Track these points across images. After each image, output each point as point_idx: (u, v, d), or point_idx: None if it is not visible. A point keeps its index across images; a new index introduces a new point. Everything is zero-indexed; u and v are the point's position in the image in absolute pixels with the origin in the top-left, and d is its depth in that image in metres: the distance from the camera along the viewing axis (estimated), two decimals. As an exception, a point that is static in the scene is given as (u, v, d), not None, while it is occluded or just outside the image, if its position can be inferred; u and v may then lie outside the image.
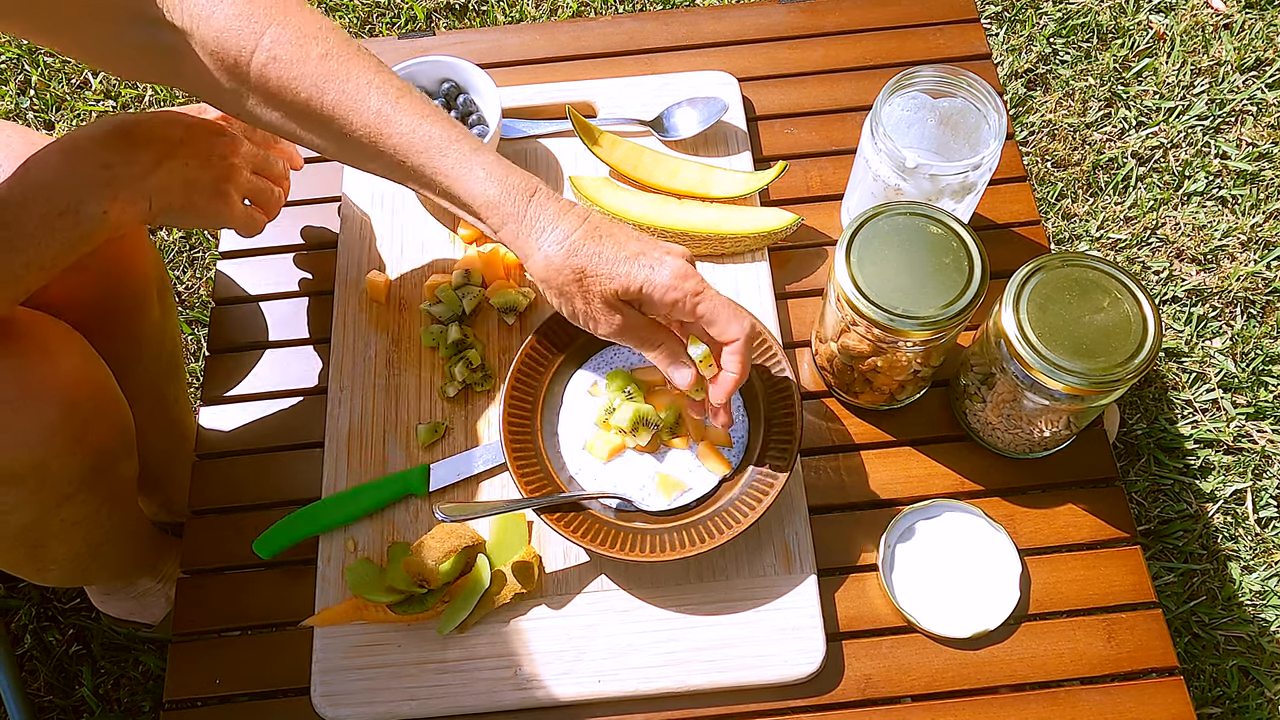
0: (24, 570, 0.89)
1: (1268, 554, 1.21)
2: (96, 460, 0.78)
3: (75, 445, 0.74)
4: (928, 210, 0.73)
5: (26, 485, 0.73)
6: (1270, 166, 1.47)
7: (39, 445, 0.72)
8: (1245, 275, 1.38)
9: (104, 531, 0.87)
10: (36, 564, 0.86)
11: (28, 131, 0.83)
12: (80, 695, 1.13)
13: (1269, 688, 1.13)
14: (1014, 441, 0.80)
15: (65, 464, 0.74)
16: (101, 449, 0.78)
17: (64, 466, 0.75)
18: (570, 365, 0.82)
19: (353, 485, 0.80)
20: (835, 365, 0.80)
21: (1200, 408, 1.30)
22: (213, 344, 0.90)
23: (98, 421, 0.77)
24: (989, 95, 0.78)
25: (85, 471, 0.77)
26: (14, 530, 0.78)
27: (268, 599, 0.79)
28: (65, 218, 0.67)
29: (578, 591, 0.77)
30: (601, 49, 1.03)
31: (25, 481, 0.73)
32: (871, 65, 1.01)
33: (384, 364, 0.86)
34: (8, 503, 0.74)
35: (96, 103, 1.57)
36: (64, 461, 0.74)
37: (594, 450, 0.78)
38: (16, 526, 0.78)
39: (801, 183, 0.95)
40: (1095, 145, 1.50)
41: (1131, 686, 0.74)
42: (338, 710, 0.73)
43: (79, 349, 0.78)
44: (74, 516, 0.81)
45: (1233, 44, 1.57)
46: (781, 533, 0.78)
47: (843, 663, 0.75)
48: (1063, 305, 0.70)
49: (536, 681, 0.73)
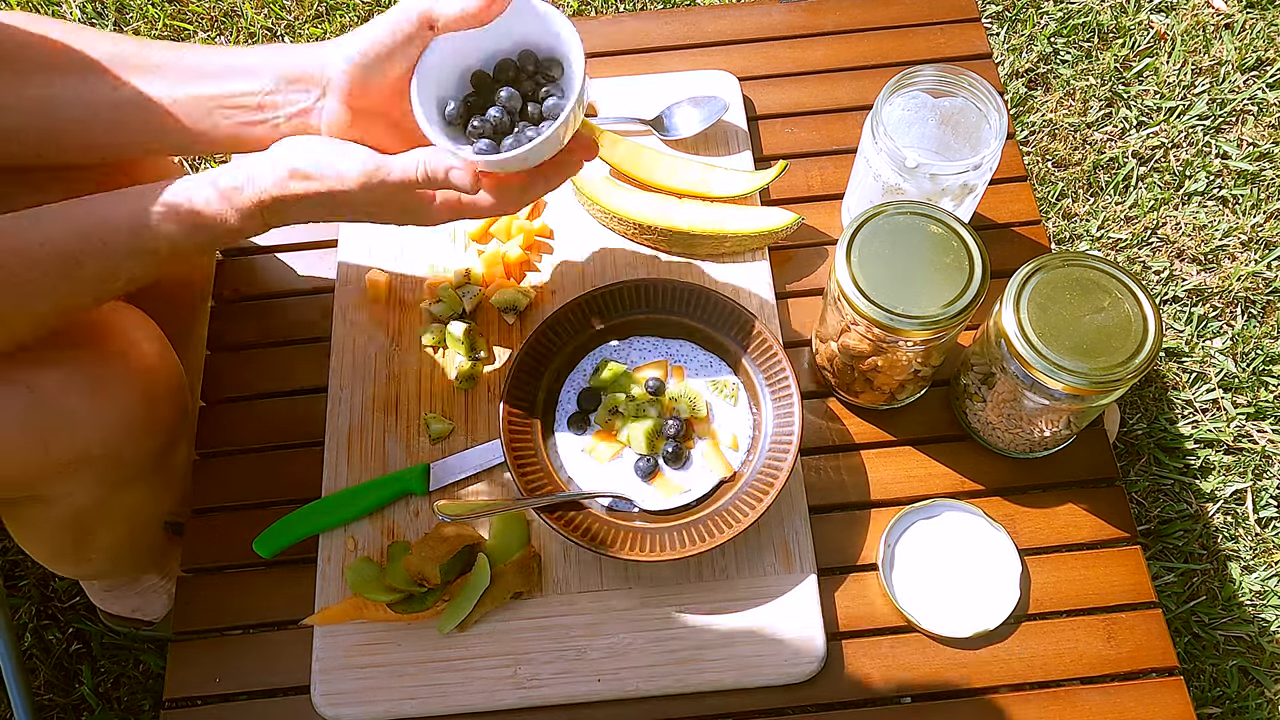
0: (63, 559, 0.89)
1: (1268, 554, 1.21)
2: (163, 443, 0.79)
3: (148, 430, 0.76)
4: (928, 210, 0.73)
5: (98, 468, 0.74)
6: (1271, 166, 1.47)
7: (117, 430, 0.73)
8: (1246, 275, 1.38)
9: (150, 519, 0.88)
10: (79, 552, 0.87)
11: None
12: (80, 694, 1.13)
13: (1269, 688, 1.13)
14: (1014, 441, 0.80)
15: (137, 448, 0.76)
16: (168, 433, 0.79)
17: (135, 451, 0.76)
18: (571, 363, 0.82)
19: (353, 484, 0.81)
20: (835, 365, 0.80)
21: (1200, 408, 1.30)
22: (213, 343, 0.90)
23: (168, 408, 0.78)
24: (990, 95, 0.78)
25: (151, 455, 0.78)
26: (71, 515, 0.80)
27: (268, 598, 0.79)
28: (202, 232, 0.67)
29: (578, 591, 0.77)
30: (602, 48, 1.03)
31: (97, 465, 0.74)
32: (872, 65, 1.01)
33: (384, 363, 0.86)
34: (75, 486, 0.75)
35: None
36: (136, 446, 0.75)
37: (594, 450, 0.78)
38: (75, 510, 0.79)
39: (802, 182, 0.95)
40: (1096, 145, 1.50)
41: (1131, 686, 0.74)
42: (338, 709, 0.73)
43: (155, 334, 0.79)
44: (131, 502, 0.82)
45: (1234, 44, 1.57)
46: (781, 533, 0.78)
47: (843, 662, 0.75)
48: (1063, 305, 0.70)
49: (536, 681, 0.73)
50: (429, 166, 0.64)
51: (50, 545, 0.86)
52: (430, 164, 0.64)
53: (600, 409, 0.80)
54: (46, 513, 0.80)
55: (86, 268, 0.65)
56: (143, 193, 0.65)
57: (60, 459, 0.72)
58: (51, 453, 0.71)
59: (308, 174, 0.64)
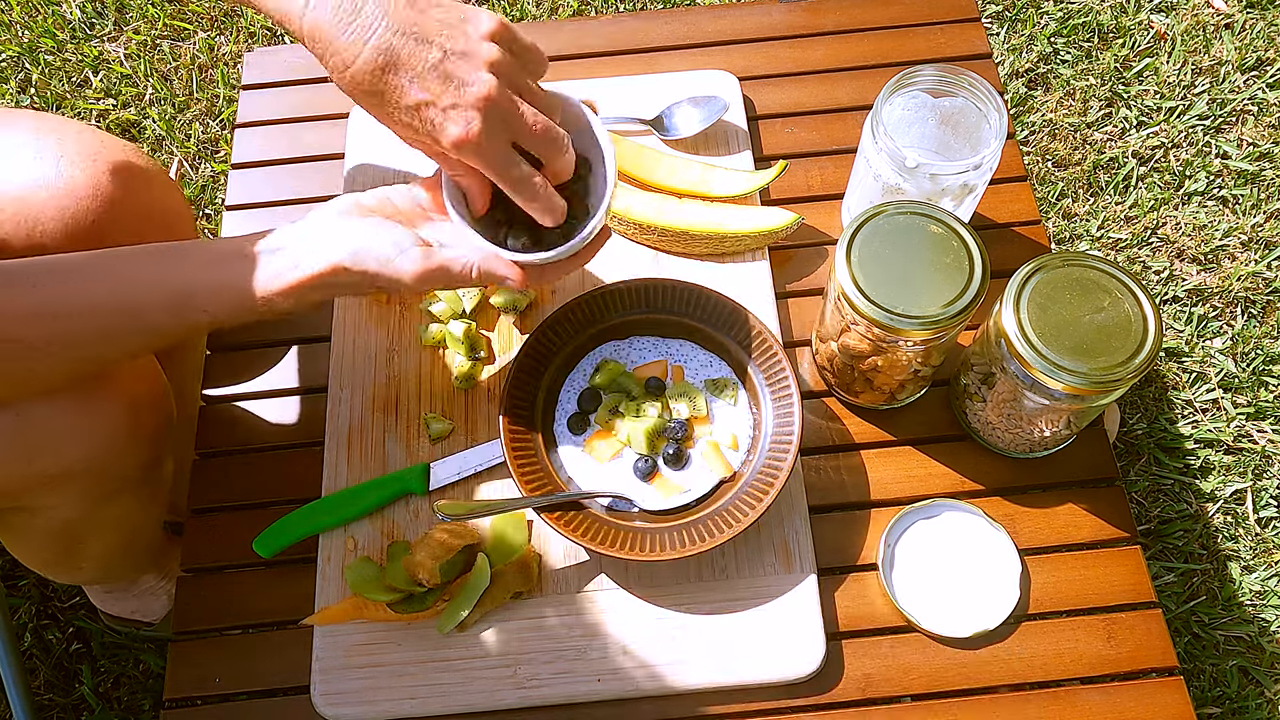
0: (55, 567, 0.89)
1: (1268, 554, 1.21)
2: (148, 458, 0.78)
3: (133, 442, 0.75)
4: (928, 210, 0.73)
5: (81, 482, 0.74)
6: (1271, 166, 1.47)
7: (101, 444, 0.72)
8: (1246, 275, 1.38)
9: (139, 528, 0.88)
10: (71, 561, 0.87)
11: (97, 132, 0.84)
12: (80, 694, 1.13)
13: (1269, 688, 1.13)
14: (1014, 441, 0.80)
15: (122, 461, 0.75)
16: (154, 447, 0.78)
17: (120, 464, 0.75)
18: (571, 363, 0.82)
19: (353, 484, 0.80)
20: (835, 365, 0.80)
21: (1200, 408, 1.30)
22: (212, 343, 0.90)
23: (153, 419, 0.77)
24: (990, 95, 0.78)
25: (137, 469, 0.78)
26: (58, 526, 0.79)
27: (268, 598, 0.79)
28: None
29: (578, 591, 0.77)
30: (602, 48, 1.03)
31: (81, 479, 0.73)
32: (872, 64, 1.01)
33: (384, 363, 0.86)
34: (61, 499, 0.75)
35: (96, 101, 1.57)
36: (121, 459, 0.75)
37: (594, 450, 0.78)
38: (62, 522, 0.78)
39: (802, 182, 0.95)
40: (1096, 145, 1.50)
41: (1131, 686, 0.74)
42: (338, 709, 0.73)
43: None
44: (118, 513, 0.81)
45: (1234, 44, 1.57)
46: (781, 532, 0.78)
47: (842, 662, 0.75)
48: (1063, 305, 0.70)
49: (536, 681, 0.73)
50: (482, 270, 0.67)
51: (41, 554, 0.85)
52: (483, 269, 0.67)
53: (600, 409, 0.80)
54: (34, 523, 0.80)
55: (118, 343, 0.65)
56: (183, 268, 0.65)
57: (44, 473, 0.71)
58: (34, 466, 0.70)
59: (364, 268, 0.65)
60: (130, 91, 1.58)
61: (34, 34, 1.63)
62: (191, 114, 1.56)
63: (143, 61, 1.60)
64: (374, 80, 0.61)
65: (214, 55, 1.61)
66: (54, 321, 0.62)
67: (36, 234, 0.78)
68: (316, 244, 0.65)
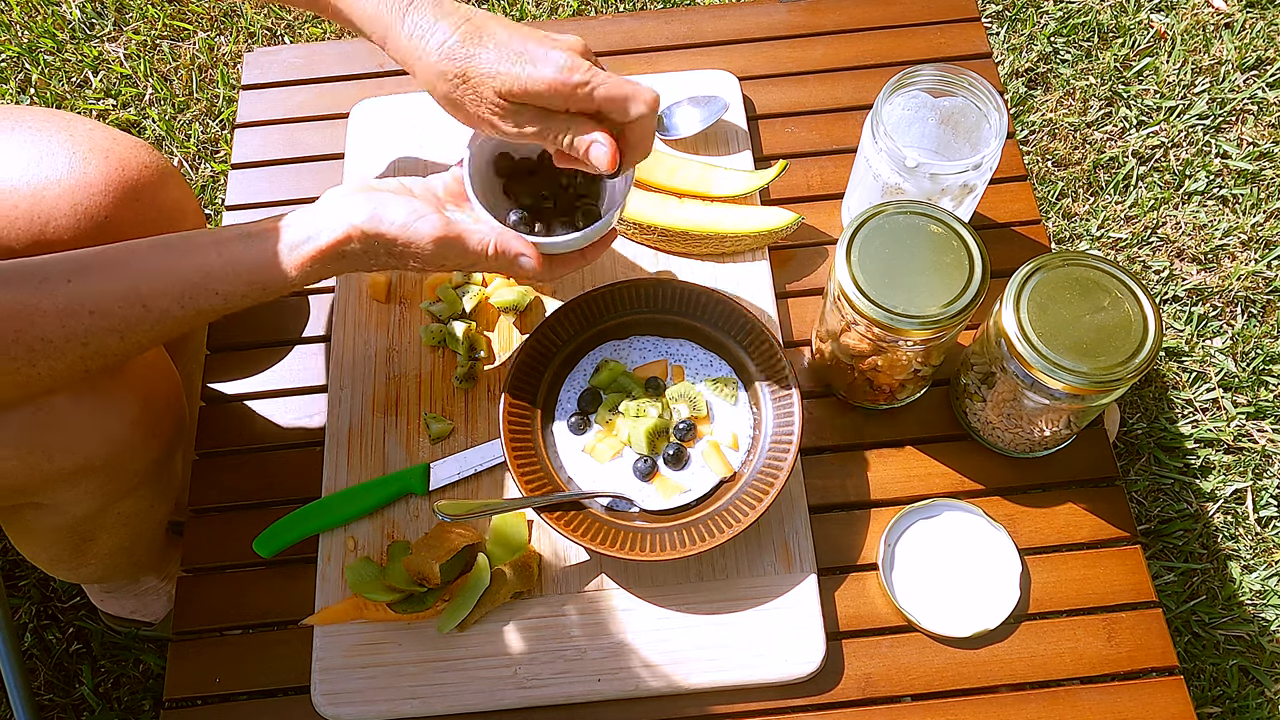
0: (61, 564, 0.89)
1: (1268, 553, 1.21)
2: (162, 453, 0.78)
3: (149, 439, 0.75)
4: (928, 209, 0.73)
5: (98, 478, 0.74)
6: (1271, 166, 1.47)
7: (118, 440, 0.72)
8: (1246, 274, 1.38)
9: (148, 526, 0.88)
10: (78, 558, 0.87)
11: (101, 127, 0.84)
12: (80, 694, 1.13)
13: (1269, 687, 1.13)
14: (1014, 441, 0.80)
15: (137, 457, 0.75)
16: (168, 442, 0.78)
17: (135, 460, 0.75)
18: (571, 363, 0.82)
19: (353, 484, 0.80)
20: (835, 365, 0.80)
21: (1200, 407, 1.30)
22: (212, 342, 0.90)
23: (167, 415, 0.77)
24: (990, 94, 0.78)
25: (151, 464, 0.78)
26: (71, 522, 0.79)
27: (268, 598, 0.79)
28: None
29: (578, 591, 0.77)
30: (602, 47, 1.03)
31: (98, 474, 0.74)
32: (872, 64, 1.01)
33: (384, 363, 0.86)
34: (76, 495, 0.75)
35: (96, 101, 1.57)
36: (136, 455, 0.75)
37: (594, 450, 0.78)
38: (75, 518, 0.78)
39: (802, 182, 0.95)
40: (1096, 144, 1.50)
41: (1131, 686, 0.74)
42: (338, 709, 0.73)
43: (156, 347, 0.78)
44: (130, 510, 0.81)
45: (1233, 43, 1.57)
46: (781, 532, 0.78)
47: (842, 662, 0.75)
48: (1063, 305, 0.70)
49: (536, 681, 0.73)
50: (499, 246, 0.67)
51: (49, 551, 0.85)
52: (501, 244, 0.67)
53: (600, 409, 0.80)
54: (46, 519, 0.80)
55: (130, 337, 0.65)
56: (196, 253, 0.65)
57: (64, 468, 0.71)
58: (55, 462, 0.71)
59: (381, 230, 0.65)
60: (130, 92, 1.58)
61: (34, 34, 1.63)
62: (191, 114, 1.56)
63: (142, 62, 1.60)
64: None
65: (214, 55, 1.61)
66: (88, 318, 0.62)
67: (49, 231, 0.78)
68: (333, 211, 0.66)
